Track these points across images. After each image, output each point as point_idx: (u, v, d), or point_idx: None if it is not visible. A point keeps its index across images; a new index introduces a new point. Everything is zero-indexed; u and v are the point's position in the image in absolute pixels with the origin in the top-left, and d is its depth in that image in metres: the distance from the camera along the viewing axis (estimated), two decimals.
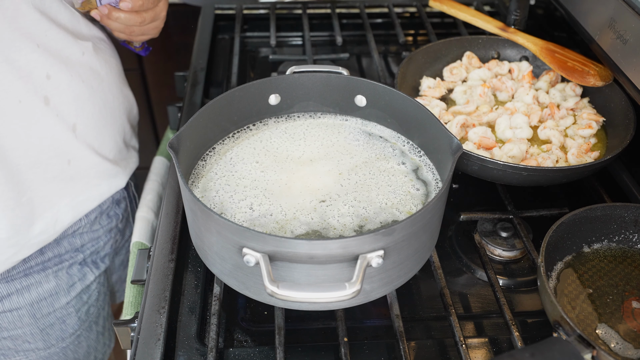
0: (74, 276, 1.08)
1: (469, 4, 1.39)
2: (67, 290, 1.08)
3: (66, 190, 1.01)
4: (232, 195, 0.83)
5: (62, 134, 0.97)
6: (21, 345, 1.06)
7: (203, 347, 0.76)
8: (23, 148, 0.92)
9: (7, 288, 1.00)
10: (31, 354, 1.08)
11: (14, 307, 1.02)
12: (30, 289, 1.02)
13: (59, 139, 0.96)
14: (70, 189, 1.02)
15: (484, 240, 0.91)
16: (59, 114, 0.95)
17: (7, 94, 0.87)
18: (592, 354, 0.65)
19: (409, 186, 0.85)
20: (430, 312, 0.84)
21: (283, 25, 1.42)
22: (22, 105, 0.90)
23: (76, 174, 1.02)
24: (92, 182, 1.06)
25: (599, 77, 1.04)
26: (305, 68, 0.95)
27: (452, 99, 1.11)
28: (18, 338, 1.05)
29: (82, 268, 1.10)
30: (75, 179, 1.02)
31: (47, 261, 1.04)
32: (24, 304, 1.02)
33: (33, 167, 0.94)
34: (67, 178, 1.00)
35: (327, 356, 0.77)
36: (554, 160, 0.95)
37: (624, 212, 0.83)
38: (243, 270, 0.71)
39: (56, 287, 1.06)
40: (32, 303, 1.03)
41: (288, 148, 0.91)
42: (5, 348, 1.05)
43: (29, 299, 1.02)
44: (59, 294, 1.06)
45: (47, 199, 0.98)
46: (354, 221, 0.80)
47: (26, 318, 1.03)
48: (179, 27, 1.75)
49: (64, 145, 0.98)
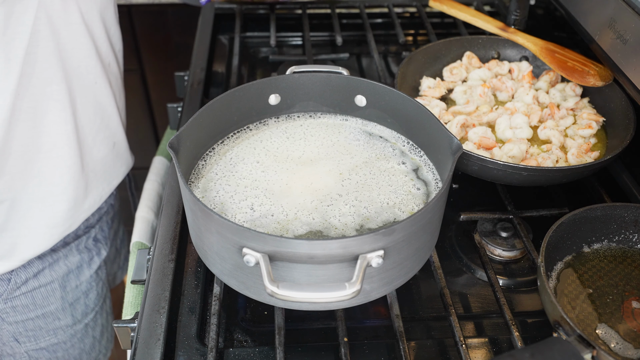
0: (92, 251, 1.17)
1: (469, 4, 1.39)
2: (89, 264, 1.16)
3: (109, 172, 1.15)
4: (232, 196, 0.83)
5: (114, 116, 1.12)
6: (52, 322, 1.12)
7: (203, 347, 0.76)
8: (90, 126, 1.06)
9: (40, 263, 1.07)
10: (59, 332, 1.14)
11: (47, 281, 1.09)
12: (59, 262, 1.10)
13: (112, 121, 1.12)
14: (111, 170, 1.15)
15: (484, 240, 0.91)
16: (115, 98, 1.12)
17: (89, 74, 1.03)
18: (592, 354, 0.65)
19: (409, 186, 0.85)
20: (430, 312, 0.84)
21: (283, 25, 1.42)
22: (97, 85, 1.06)
23: (116, 156, 1.16)
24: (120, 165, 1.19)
25: (599, 77, 1.04)
26: (305, 68, 0.94)
27: (452, 99, 1.11)
28: (49, 315, 1.12)
29: (96, 244, 1.17)
30: (115, 161, 1.16)
31: (67, 236, 1.10)
32: (55, 277, 1.10)
33: (93, 146, 1.08)
34: (112, 159, 1.15)
35: (327, 356, 0.77)
36: (554, 160, 0.95)
37: (624, 212, 0.83)
38: (243, 270, 0.71)
39: (80, 261, 1.14)
40: (62, 276, 1.11)
41: (288, 148, 0.91)
42: (37, 328, 1.11)
43: (60, 273, 1.10)
44: (82, 267, 1.15)
45: (97, 177, 1.11)
46: (355, 220, 0.80)
47: (58, 292, 1.11)
48: (179, 27, 1.75)
49: (114, 127, 1.13)
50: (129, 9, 1.69)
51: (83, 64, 1.02)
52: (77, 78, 1.01)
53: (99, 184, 1.13)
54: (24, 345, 1.12)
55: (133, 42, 1.77)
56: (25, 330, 1.10)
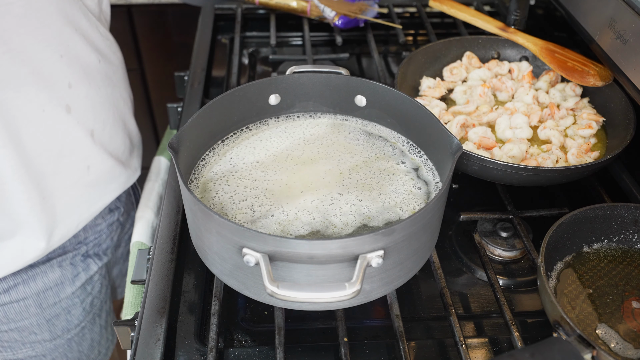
0: (77, 266, 1.10)
1: (469, 4, 1.38)
2: (72, 280, 1.09)
3: (85, 197, 1.04)
4: (232, 196, 0.83)
5: (82, 140, 1.00)
6: (27, 336, 1.07)
7: (203, 347, 0.76)
8: (46, 155, 0.95)
9: (13, 279, 1.01)
10: (37, 345, 1.09)
11: (21, 297, 1.03)
12: (36, 279, 1.03)
13: (79, 145, 1.00)
14: (89, 195, 1.05)
15: (484, 240, 0.91)
16: (79, 121, 0.98)
17: (31, 103, 0.90)
18: (592, 354, 0.65)
19: (410, 185, 0.85)
20: (430, 312, 0.84)
21: (283, 25, 1.42)
22: (46, 113, 0.92)
23: (94, 180, 1.05)
24: (108, 186, 1.09)
25: (599, 77, 1.04)
26: (305, 68, 0.94)
27: (452, 99, 1.11)
28: (25, 329, 1.06)
29: (85, 259, 1.12)
30: (93, 185, 1.05)
31: (50, 252, 1.05)
32: (30, 294, 1.03)
33: (55, 174, 0.97)
34: (87, 184, 1.04)
35: (327, 356, 0.77)
36: (554, 160, 0.95)
37: (624, 212, 0.83)
38: (243, 270, 0.71)
39: (61, 277, 1.07)
40: (38, 293, 1.04)
41: (288, 148, 0.91)
42: (12, 340, 1.06)
43: (35, 289, 1.04)
44: (64, 283, 1.08)
45: (68, 205, 1.01)
46: (356, 220, 0.80)
47: (32, 308, 1.05)
48: (179, 27, 1.75)
49: (84, 151, 1.01)
50: (129, 9, 1.69)
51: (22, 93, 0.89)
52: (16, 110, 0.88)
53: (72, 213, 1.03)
54: (1, 354, 1.08)
55: (133, 42, 1.77)
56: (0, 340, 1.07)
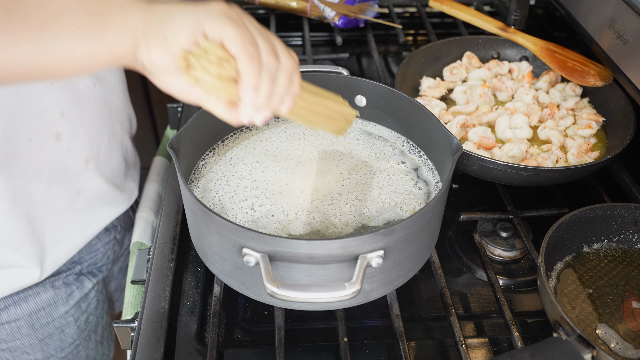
0: (71, 285, 1.06)
1: (469, 4, 1.38)
2: (66, 299, 1.05)
3: (77, 223, 1.01)
4: (232, 196, 0.83)
5: (73, 167, 0.96)
6: (20, 356, 1.04)
7: (203, 347, 0.76)
8: (34, 184, 0.91)
9: (4, 300, 0.98)
10: None
11: (12, 318, 0.99)
12: (28, 300, 1.00)
13: (69, 172, 0.95)
14: (80, 220, 1.01)
15: (484, 240, 0.91)
16: (70, 149, 0.94)
17: (17, 133, 0.86)
18: (592, 354, 0.65)
19: (410, 185, 0.85)
20: (430, 312, 0.84)
21: (283, 25, 1.42)
22: (33, 142, 0.88)
23: (85, 205, 1.01)
24: (101, 210, 1.05)
25: (599, 77, 1.04)
26: (305, 68, 0.94)
27: (452, 99, 1.11)
28: (17, 349, 1.03)
29: (78, 277, 1.08)
30: (85, 210, 1.01)
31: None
32: (22, 315, 1.00)
33: (44, 201, 0.93)
34: (77, 209, 1.00)
35: (327, 356, 0.77)
36: (554, 160, 0.95)
37: (624, 212, 0.83)
38: (243, 270, 0.71)
39: (54, 297, 1.03)
40: (30, 314, 1.01)
41: (288, 148, 0.91)
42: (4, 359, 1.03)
43: (27, 310, 1.00)
44: (57, 303, 1.04)
45: (58, 232, 0.98)
46: (356, 220, 0.80)
47: (25, 329, 1.01)
48: None
49: (74, 178, 0.97)
50: None
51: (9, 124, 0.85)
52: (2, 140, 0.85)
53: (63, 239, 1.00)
54: None
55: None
56: None
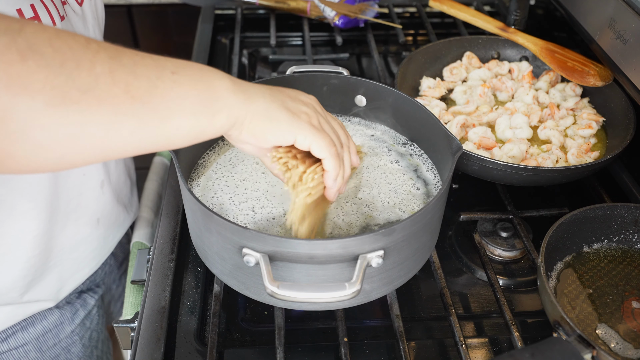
0: (75, 304, 1.06)
1: (469, 4, 1.39)
2: (71, 319, 1.04)
3: (96, 251, 1.02)
4: (231, 197, 0.83)
5: (91, 192, 0.96)
6: None
7: (203, 347, 0.76)
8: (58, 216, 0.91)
9: (12, 327, 0.96)
10: None
11: (20, 343, 0.98)
12: (35, 324, 0.99)
13: (88, 199, 0.96)
14: (98, 248, 1.03)
15: (484, 240, 0.91)
16: (86, 173, 0.94)
17: None
18: (592, 354, 0.65)
19: (409, 185, 0.85)
20: (430, 312, 0.84)
21: (283, 25, 1.42)
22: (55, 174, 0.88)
23: (103, 232, 1.02)
24: (113, 233, 1.06)
25: (599, 77, 1.04)
26: (305, 68, 0.95)
27: (452, 99, 1.11)
28: None
29: (80, 295, 1.07)
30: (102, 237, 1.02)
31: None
32: (29, 339, 0.99)
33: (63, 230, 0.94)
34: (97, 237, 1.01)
35: (327, 356, 0.77)
36: (554, 160, 0.95)
37: (624, 212, 0.83)
38: (243, 270, 0.71)
39: (60, 318, 1.02)
40: (37, 337, 1.00)
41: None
42: None
43: (34, 334, 0.99)
44: (63, 323, 1.03)
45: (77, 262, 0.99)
46: (359, 219, 0.80)
47: (32, 353, 1.00)
48: (179, 27, 1.75)
49: (94, 204, 0.98)
50: (129, 9, 1.69)
51: None
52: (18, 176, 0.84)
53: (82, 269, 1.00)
54: None
55: (133, 42, 1.77)
56: None
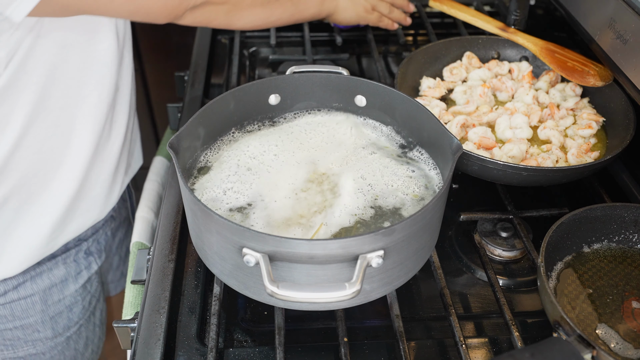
0: (80, 264, 1.12)
1: (469, 4, 1.39)
2: (75, 278, 1.11)
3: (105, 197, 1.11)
4: (234, 198, 0.83)
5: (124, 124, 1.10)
6: (31, 334, 1.09)
7: (203, 347, 0.76)
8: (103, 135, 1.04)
9: (22, 276, 1.03)
10: (38, 343, 1.11)
11: (28, 294, 1.05)
12: (42, 276, 1.06)
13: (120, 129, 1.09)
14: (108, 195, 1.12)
15: (484, 240, 0.91)
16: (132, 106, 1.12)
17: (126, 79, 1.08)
18: (592, 354, 0.65)
19: (409, 185, 0.85)
20: (430, 312, 0.84)
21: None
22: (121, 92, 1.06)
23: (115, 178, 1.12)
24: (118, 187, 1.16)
25: (599, 77, 1.04)
26: (305, 68, 0.95)
27: (452, 99, 1.11)
28: (29, 327, 1.08)
29: (87, 257, 1.14)
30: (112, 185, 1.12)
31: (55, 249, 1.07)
32: (36, 291, 1.06)
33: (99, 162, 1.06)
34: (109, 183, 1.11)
35: (327, 356, 0.77)
36: (554, 160, 0.95)
37: (624, 212, 0.83)
38: (243, 270, 0.71)
39: (66, 274, 1.10)
40: (44, 289, 1.07)
41: (288, 148, 0.91)
42: (15, 338, 1.09)
43: (42, 286, 1.06)
44: (67, 281, 1.10)
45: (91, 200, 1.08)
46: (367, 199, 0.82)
47: (38, 305, 1.07)
48: (179, 27, 1.74)
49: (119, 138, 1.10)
50: None
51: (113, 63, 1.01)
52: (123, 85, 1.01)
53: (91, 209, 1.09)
54: (1, 353, 1.10)
55: (133, 42, 1.76)
56: (2, 339, 1.08)
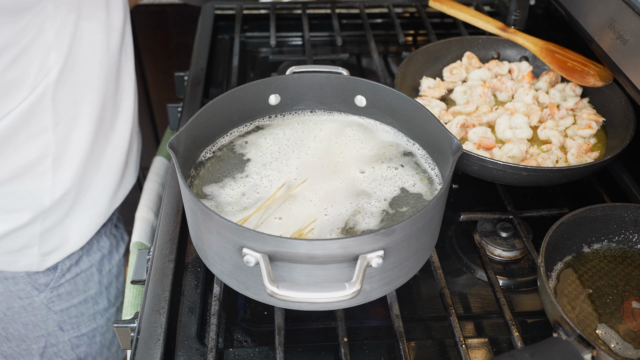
0: (116, 236, 1.23)
1: (469, 4, 1.39)
2: (117, 249, 1.22)
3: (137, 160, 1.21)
4: (234, 200, 0.83)
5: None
6: (92, 307, 1.19)
7: (203, 347, 0.76)
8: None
9: (80, 250, 1.13)
10: (97, 316, 1.21)
11: (87, 266, 1.15)
12: (94, 248, 1.16)
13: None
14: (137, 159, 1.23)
15: (484, 241, 0.91)
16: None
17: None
18: (592, 354, 0.65)
19: (409, 185, 0.85)
20: (430, 312, 0.84)
21: (283, 25, 1.42)
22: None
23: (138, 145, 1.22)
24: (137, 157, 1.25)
25: (599, 77, 1.04)
26: (305, 68, 0.95)
27: (452, 99, 1.11)
28: (90, 300, 1.18)
29: (118, 229, 1.25)
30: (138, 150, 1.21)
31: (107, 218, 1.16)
32: (92, 263, 1.16)
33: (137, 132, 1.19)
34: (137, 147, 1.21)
35: (327, 356, 0.77)
36: (554, 160, 0.95)
37: (624, 212, 0.83)
38: (243, 270, 0.71)
39: (110, 246, 1.20)
40: (98, 261, 1.17)
41: (289, 148, 0.91)
42: (79, 314, 1.17)
43: (95, 258, 1.16)
44: (112, 251, 1.21)
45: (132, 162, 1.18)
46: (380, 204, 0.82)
47: (95, 276, 1.17)
48: (179, 27, 1.75)
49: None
50: None
51: None
52: None
53: (132, 171, 1.19)
54: (68, 333, 1.17)
55: (133, 42, 1.76)
56: (69, 317, 1.16)
